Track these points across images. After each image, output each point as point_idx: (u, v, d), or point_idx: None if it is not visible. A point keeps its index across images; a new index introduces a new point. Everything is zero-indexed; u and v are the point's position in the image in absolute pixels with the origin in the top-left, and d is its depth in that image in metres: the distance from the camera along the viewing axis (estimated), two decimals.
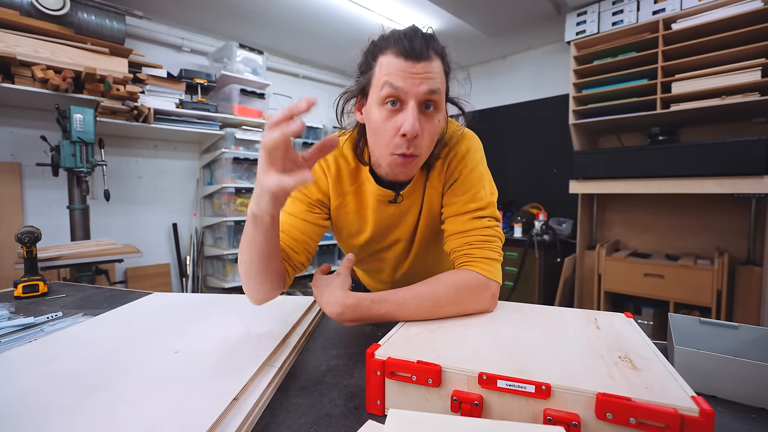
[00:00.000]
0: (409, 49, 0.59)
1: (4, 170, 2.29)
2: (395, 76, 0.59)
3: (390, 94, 0.60)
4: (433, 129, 0.63)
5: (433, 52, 0.60)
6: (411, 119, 0.59)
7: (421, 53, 0.59)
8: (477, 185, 0.71)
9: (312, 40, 3.22)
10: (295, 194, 0.74)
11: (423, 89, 0.59)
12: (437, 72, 0.61)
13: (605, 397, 0.37)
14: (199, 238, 3.08)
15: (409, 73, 0.59)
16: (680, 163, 2.18)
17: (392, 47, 0.60)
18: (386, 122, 0.62)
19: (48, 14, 2.12)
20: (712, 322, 0.62)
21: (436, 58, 0.61)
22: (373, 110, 0.63)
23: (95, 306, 0.92)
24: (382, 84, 0.60)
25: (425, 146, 0.64)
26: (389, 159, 0.64)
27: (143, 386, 0.48)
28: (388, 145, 0.63)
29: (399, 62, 0.59)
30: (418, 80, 0.59)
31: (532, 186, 3.44)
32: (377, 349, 0.49)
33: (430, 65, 0.60)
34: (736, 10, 2.06)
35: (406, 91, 0.59)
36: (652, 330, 2.44)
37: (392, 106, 0.61)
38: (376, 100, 0.62)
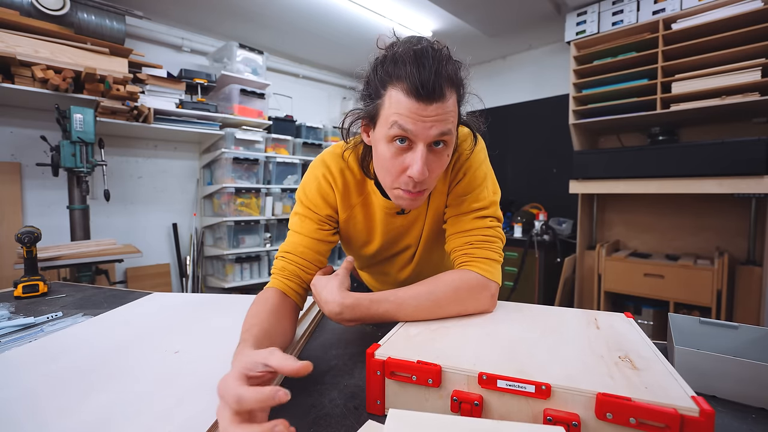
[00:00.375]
0: (421, 89, 0.54)
1: (4, 170, 2.29)
2: (405, 118, 0.55)
3: (398, 135, 0.57)
4: (441, 165, 0.61)
5: (447, 87, 0.56)
6: (419, 164, 0.57)
7: (433, 93, 0.54)
8: (481, 185, 0.71)
9: (312, 40, 3.22)
10: (304, 212, 0.73)
11: (434, 133, 0.56)
12: (450, 110, 0.57)
13: (605, 397, 0.37)
14: (199, 238, 3.08)
15: (420, 116, 0.55)
16: (680, 163, 2.18)
17: (403, 82, 0.55)
18: (393, 160, 0.59)
19: (48, 14, 2.12)
20: (712, 322, 0.62)
21: (450, 93, 0.57)
22: (380, 144, 0.60)
23: (95, 306, 0.92)
24: (390, 123, 0.57)
25: (433, 181, 0.63)
26: (395, 192, 0.64)
27: (143, 386, 0.48)
28: (394, 181, 0.62)
29: (409, 103, 0.55)
30: (429, 123, 0.56)
31: (532, 186, 3.44)
32: (377, 349, 0.49)
33: (442, 106, 0.56)
34: (736, 10, 2.06)
35: (415, 134, 0.56)
36: (652, 330, 2.44)
37: (401, 144, 0.58)
38: (383, 136, 0.59)
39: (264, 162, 3.03)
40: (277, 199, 3.16)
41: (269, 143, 3.10)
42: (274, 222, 3.18)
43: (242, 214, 2.93)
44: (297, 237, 0.71)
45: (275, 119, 3.15)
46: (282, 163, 3.16)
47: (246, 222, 2.96)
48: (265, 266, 3.14)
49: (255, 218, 2.97)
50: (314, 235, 0.71)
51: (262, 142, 3.00)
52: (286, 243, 0.72)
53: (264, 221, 3.07)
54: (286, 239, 0.73)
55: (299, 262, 0.69)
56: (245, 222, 2.96)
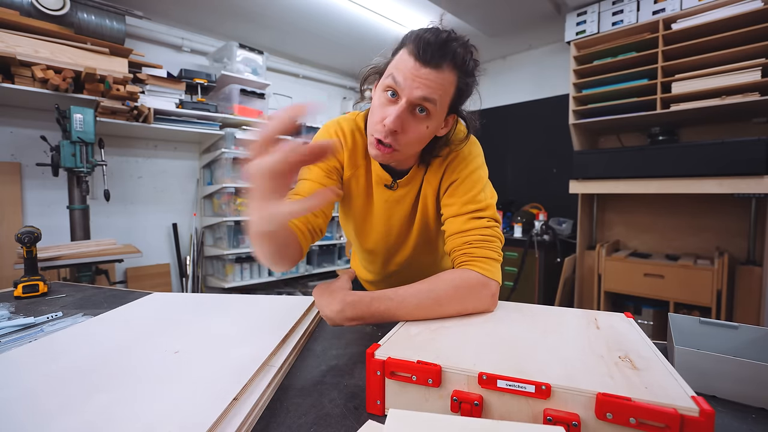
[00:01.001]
0: (420, 51, 0.59)
1: (4, 170, 2.29)
2: (399, 72, 0.61)
3: (389, 85, 0.63)
4: (417, 131, 0.65)
5: (447, 61, 0.60)
6: (393, 114, 0.62)
7: (430, 59, 0.59)
8: (476, 187, 0.73)
9: (312, 40, 3.22)
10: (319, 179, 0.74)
11: (417, 94, 0.61)
12: (441, 82, 0.61)
13: (605, 397, 0.37)
14: (199, 238, 3.08)
15: (411, 73, 0.60)
16: (680, 163, 2.18)
17: (410, 44, 0.61)
18: (379, 108, 0.65)
19: (48, 14, 2.12)
20: (712, 322, 0.62)
21: (448, 69, 0.61)
22: (376, 92, 0.67)
23: (95, 306, 0.92)
24: (388, 74, 0.63)
25: (404, 144, 0.65)
26: (370, 139, 0.67)
27: (143, 386, 0.48)
28: (373, 127, 0.66)
29: (408, 60, 0.61)
30: (416, 83, 0.60)
31: (532, 186, 3.44)
32: (377, 349, 0.49)
33: (435, 73, 0.60)
34: (736, 10, 2.06)
35: (401, 89, 0.61)
36: (652, 330, 2.44)
37: (390, 96, 0.63)
38: (380, 85, 0.66)
39: None
40: None
41: None
42: None
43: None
44: (304, 183, 0.72)
45: None
46: None
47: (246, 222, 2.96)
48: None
49: None
50: (322, 181, 0.73)
51: None
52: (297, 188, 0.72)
53: None
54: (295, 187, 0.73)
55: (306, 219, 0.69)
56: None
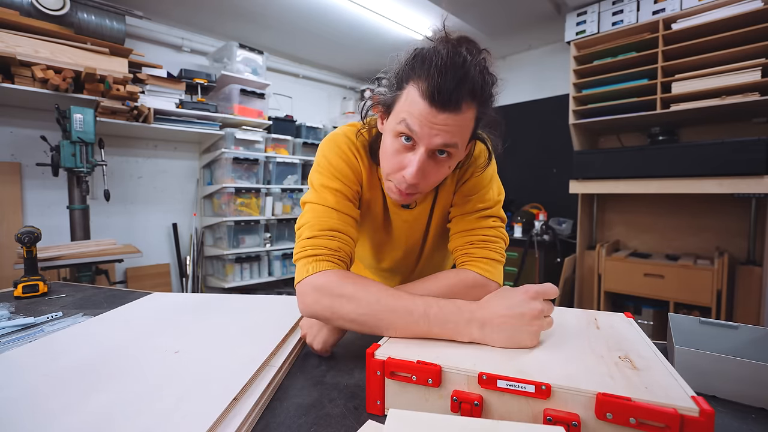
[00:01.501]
0: (436, 95, 0.52)
1: (4, 170, 2.29)
2: (413, 119, 0.54)
3: (403, 132, 0.56)
4: (439, 174, 0.60)
5: (466, 100, 0.53)
6: (414, 167, 0.56)
7: (448, 103, 0.52)
8: (486, 186, 0.71)
9: (312, 40, 3.22)
10: (340, 187, 0.67)
11: (437, 141, 0.55)
12: (462, 125, 0.55)
13: (605, 397, 0.37)
14: (199, 238, 3.08)
15: (429, 120, 0.54)
16: (680, 163, 2.18)
17: (422, 82, 0.53)
18: (395, 156, 0.59)
19: (48, 14, 2.12)
20: (712, 322, 0.62)
21: (468, 107, 0.54)
22: (388, 135, 0.60)
23: (95, 306, 0.92)
24: (400, 119, 0.56)
25: (427, 186, 0.62)
26: (388, 184, 0.63)
27: (143, 386, 0.48)
28: (390, 174, 0.61)
29: (422, 105, 0.53)
30: (435, 131, 0.54)
31: (532, 186, 3.44)
32: (377, 349, 0.49)
33: (455, 118, 0.54)
34: (736, 10, 2.06)
35: (419, 137, 0.55)
36: (652, 330, 2.44)
37: (405, 142, 0.57)
38: (392, 129, 0.58)
39: (264, 162, 3.03)
40: (277, 199, 3.16)
41: (269, 143, 3.10)
42: (274, 222, 3.18)
43: (242, 214, 2.93)
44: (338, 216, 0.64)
45: (275, 119, 3.15)
46: (282, 163, 3.16)
47: (246, 222, 2.96)
48: (265, 266, 3.14)
49: (255, 218, 2.98)
50: (353, 213, 0.66)
51: (262, 142, 3.00)
52: (329, 218, 0.63)
53: (264, 221, 3.07)
54: (317, 214, 0.64)
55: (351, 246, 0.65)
56: (245, 222, 2.96)
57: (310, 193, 0.68)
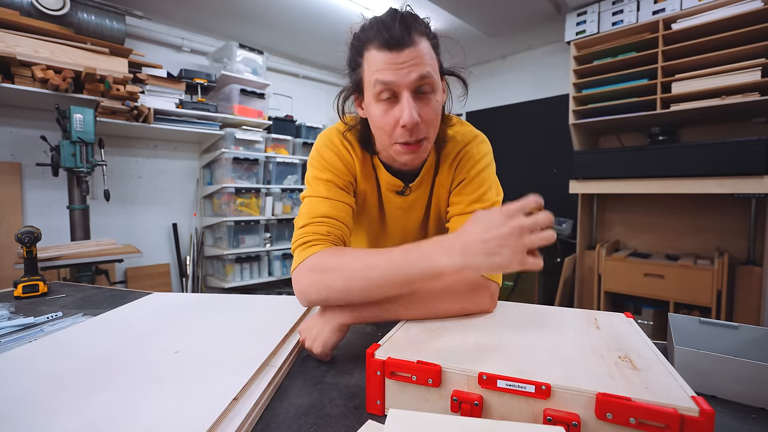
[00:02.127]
0: (390, 40, 0.57)
1: (4, 170, 2.29)
2: (383, 72, 0.59)
3: (382, 90, 0.60)
4: (432, 111, 0.63)
5: (415, 34, 0.59)
6: (407, 110, 0.59)
7: (403, 40, 0.57)
8: (483, 186, 0.72)
9: (312, 40, 3.22)
10: (331, 177, 0.70)
11: (413, 77, 0.58)
12: (425, 54, 0.60)
13: (605, 397, 0.37)
14: (199, 238, 3.08)
15: (396, 64, 0.58)
16: (680, 163, 2.18)
17: (374, 40, 0.59)
18: (385, 116, 0.62)
19: (48, 14, 2.12)
20: (712, 322, 0.62)
21: (421, 39, 0.60)
22: (371, 107, 0.63)
23: (95, 306, 0.92)
24: (373, 82, 0.60)
25: (429, 130, 0.63)
26: (394, 149, 0.65)
27: (143, 386, 0.48)
28: (391, 136, 0.63)
29: (383, 55, 0.58)
30: (406, 69, 0.58)
31: (532, 186, 3.43)
32: (377, 349, 0.49)
33: (415, 50, 0.58)
34: (736, 10, 2.06)
35: (397, 84, 0.59)
36: (652, 330, 2.44)
37: (387, 99, 0.61)
38: (371, 97, 0.62)
39: (264, 162, 3.03)
40: (277, 199, 3.16)
41: (269, 143, 3.10)
42: (274, 222, 3.18)
43: (242, 214, 2.93)
44: (328, 203, 0.67)
45: (275, 119, 3.15)
46: (282, 163, 3.16)
47: (246, 222, 2.96)
48: (265, 266, 3.14)
49: (255, 218, 2.97)
50: (348, 201, 0.70)
51: (262, 142, 3.00)
52: (317, 207, 0.67)
53: (264, 221, 3.07)
54: (310, 206, 0.68)
55: (344, 230, 0.67)
56: (245, 222, 2.96)
57: (305, 189, 0.72)
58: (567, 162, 2.78)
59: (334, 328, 0.61)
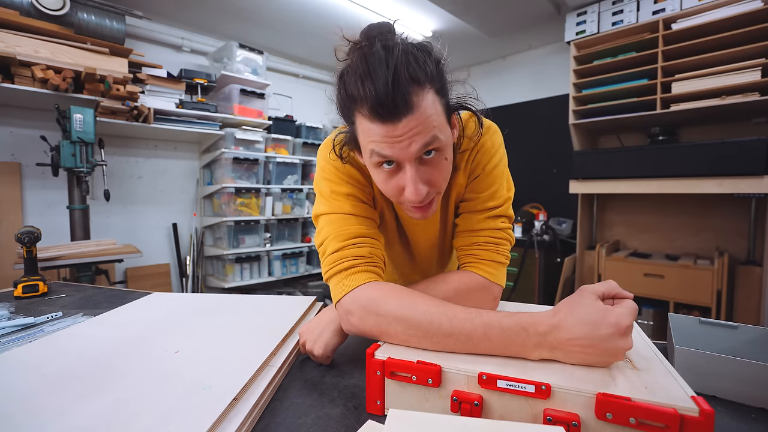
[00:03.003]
0: (381, 110, 0.47)
1: (4, 170, 2.29)
2: (379, 144, 0.50)
3: (380, 162, 0.53)
4: (441, 172, 0.55)
5: (414, 96, 0.48)
6: (411, 186, 0.52)
7: (396, 110, 0.47)
8: (497, 182, 0.68)
9: (312, 40, 3.22)
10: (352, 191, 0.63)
11: (414, 149, 0.50)
12: (428, 116, 0.49)
13: (605, 397, 0.37)
14: (199, 238, 3.08)
15: (393, 137, 0.49)
16: (680, 163, 2.18)
17: (363, 106, 0.49)
18: (386, 184, 0.55)
19: (48, 14, 2.12)
20: (712, 322, 0.62)
21: (421, 98, 0.48)
22: (371, 169, 0.56)
23: (95, 306, 0.92)
24: (369, 152, 0.52)
25: (438, 187, 0.57)
26: (404, 207, 0.60)
27: (143, 386, 0.48)
28: (397, 199, 0.58)
29: (376, 128, 0.49)
30: (406, 142, 0.49)
31: (532, 186, 3.44)
32: (377, 349, 0.49)
33: (413, 117, 0.48)
34: (736, 10, 2.06)
35: (396, 157, 0.51)
36: (652, 330, 2.44)
37: (388, 167, 0.53)
38: (370, 164, 0.55)
39: (264, 162, 3.03)
40: (277, 199, 3.16)
41: (269, 143, 3.10)
42: (274, 222, 3.18)
43: (242, 214, 2.93)
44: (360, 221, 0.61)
45: (275, 119, 3.15)
46: (282, 163, 3.16)
47: (246, 222, 2.96)
48: (265, 266, 3.14)
49: (255, 218, 2.97)
50: (376, 218, 0.64)
51: (262, 142, 3.00)
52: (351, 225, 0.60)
53: (264, 221, 3.07)
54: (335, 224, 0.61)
55: (384, 251, 0.62)
56: (245, 222, 2.96)
57: (321, 204, 0.63)
58: (567, 162, 2.78)
59: (336, 330, 0.60)
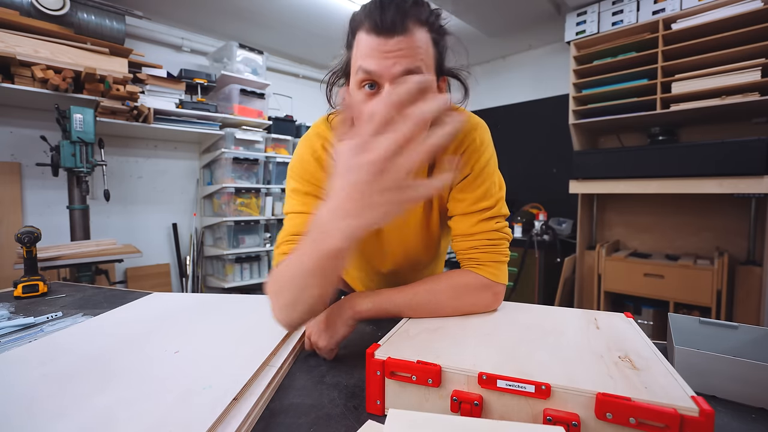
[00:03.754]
0: (380, 23, 0.51)
1: (4, 170, 2.29)
2: (367, 58, 0.52)
3: (363, 79, 0.54)
4: None
5: (411, 21, 0.52)
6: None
7: (394, 26, 0.51)
8: (488, 181, 0.68)
9: (312, 40, 3.22)
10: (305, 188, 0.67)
11: (397, 70, 0.51)
12: (418, 45, 0.52)
13: (605, 397, 0.37)
14: (199, 238, 3.08)
15: (381, 52, 0.51)
16: (680, 163, 2.18)
17: (365, 21, 0.53)
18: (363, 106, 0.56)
19: (48, 14, 2.12)
20: (712, 322, 0.62)
21: (418, 28, 0.52)
22: (354, 94, 0.57)
23: (95, 306, 0.92)
24: (356, 68, 0.54)
25: None
26: None
27: (143, 386, 0.48)
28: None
29: (370, 40, 0.52)
30: (391, 60, 0.51)
31: (532, 186, 3.44)
32: (377, 349, 0.49)
33: (407, 39, 0.51)
34: (736, 10, 2.06)
35: (379, 74, 0.52)
36: (652, 330, 2.44)
37: (370, 89, 0.54)
38: (354, 84, 0.56)
39: (264, 162, 3.03)
40: (277, 199, 3.16)
41: (269, 143, 3.10)
42: (274, 222, 3.18)
43: (242, 214, 2.93)
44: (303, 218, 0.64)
45: (275, 119, 3.15)
46: (282, 163, 3.16)
47: (246, 222, 2.96)
48: (265, 266, 3.14)
49: (255, 218, 2.98)
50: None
51: (262, 142, 3.00)
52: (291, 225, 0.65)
53: (264, 221, 3.07)
54: (287, 223, 0.66)
55: None
56: (245, 222, 2.96)
57: (285, 204, 0.70)
58: (567, 162, 2.78)
59: (342, 321, 0.61)
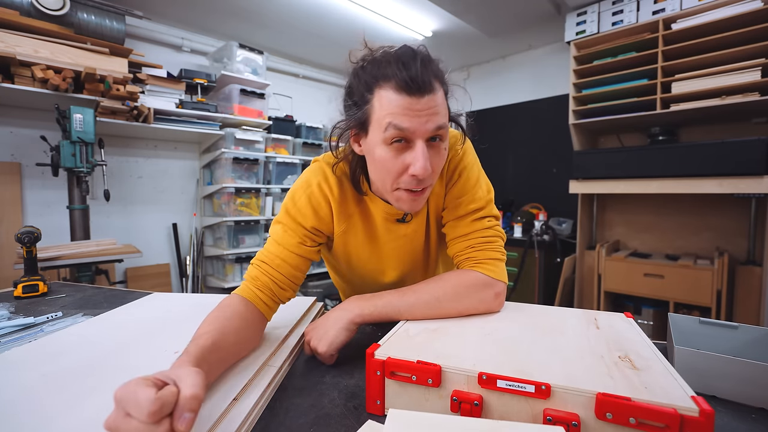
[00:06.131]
0: (411, 83, 0.53)
1: (4, 170, 2.29)
2: (400, 117, 0.55)
3: (396, 136, 0.56)
4: (441, 161, 0.61)
5: (433, 78, 0.55)
6: (422, 161, 0.56)
7: (424, 86, 0.54)
8: (475, 185, 0.70)
9: (312, 40, 3.22)
10: (288, 222, 0.68)
11: (431, 126, 0.56)
12: (441, 103, 0.57)
13: (605, 397, 0.37)
14: (199, 238, 3.08)
15: (414, 111, 0.54)
16: (680, 163, 2.18)
17: (391, 81, 0.54)
18: (394, 161, 0.58)
19: (48, 14, 2.12)
20: (712, 322, 0.62)
21: (437, 85, 0.57)
22: (377, 148, 0.59)
23: (95, 306, 0.92)
24: (385, 125, 0.56)
25: (434, 179, 0.62)
26: (396, 194, 0.62)
27: None
28: (396, 181, 0.60)
29: (401, 99, 0.54)
30: (424, 118, 0.55)
31: (532, 186, 3.44)
32: (377, 349, 0.49)
33: (434, 98, 0.55)
34: (736, 10, 2.06)
35: (413, 131, 0.55)
36: (652, 330, 2.44)
37: (399, 144, 0.57)
38: (380, 140, 0.58)
39: (264, 162, 3.03)
40: (277, 199, 3.16)
41: (269, 143, 3.10)
42: None
43: (242, 214, 2.93)
44: (276, 247, 0.67)
45: (275, 119, 3.15)
46: (282, 163, 3.16)
47: (246, 222, 2.96)
48: None
49: (255, 218, 2.98)
50: (294, 250, 0.67)
51: (262, 142, 3.00)
52: (265, 251, 0.68)
53: (264, 221, 3.07)
54: (266, 246, 0.69)
55: (274, 275, 0.65)
56: (245, 222, 2.96)
57: (274, 224, 0.71)
58: (567, 162, 2.78)
59: (343, 326, 0.61)
